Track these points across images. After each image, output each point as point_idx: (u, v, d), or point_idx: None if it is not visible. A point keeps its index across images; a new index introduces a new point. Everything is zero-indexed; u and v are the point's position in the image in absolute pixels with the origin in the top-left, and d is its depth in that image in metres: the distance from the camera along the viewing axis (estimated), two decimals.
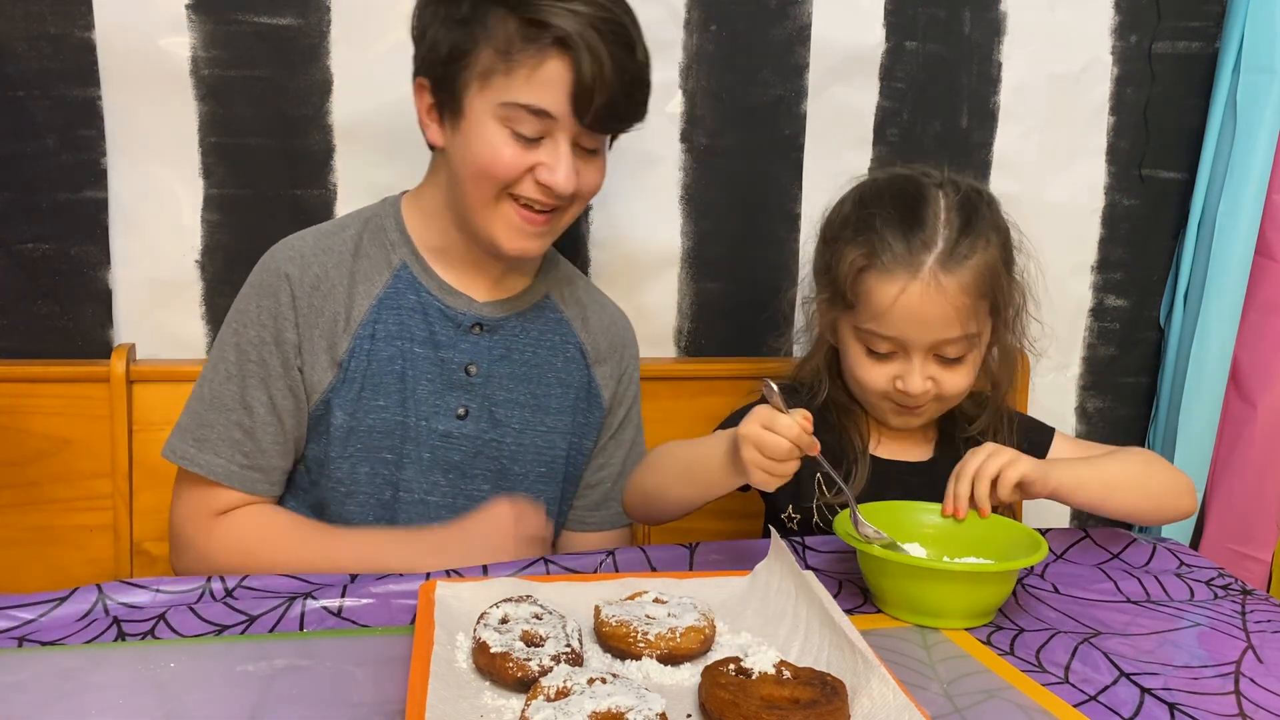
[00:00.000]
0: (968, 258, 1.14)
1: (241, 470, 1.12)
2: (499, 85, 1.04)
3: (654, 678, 0.80)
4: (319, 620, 0.91)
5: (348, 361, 1.12)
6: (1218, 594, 1.06)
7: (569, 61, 1.02)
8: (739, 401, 1.34)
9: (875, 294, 1.15)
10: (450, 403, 1.16)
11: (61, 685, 0.78)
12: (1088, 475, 1.13)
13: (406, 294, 1.15)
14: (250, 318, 1.12)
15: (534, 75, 1.03)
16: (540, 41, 1.02)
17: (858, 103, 1.58)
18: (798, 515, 1.24)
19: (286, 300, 1.12)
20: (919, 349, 1.16)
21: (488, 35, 1.03)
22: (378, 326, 1.13)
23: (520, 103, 1.04)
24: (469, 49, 1.04)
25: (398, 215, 1.18)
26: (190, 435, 1.13)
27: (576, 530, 1.29)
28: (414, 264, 1.16)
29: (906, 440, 1.27)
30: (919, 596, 0.95)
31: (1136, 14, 1.63)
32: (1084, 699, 0.82)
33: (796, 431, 0.96)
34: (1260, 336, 1.64)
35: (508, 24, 1.02)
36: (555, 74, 1.03)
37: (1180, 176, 1.70)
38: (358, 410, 1.13)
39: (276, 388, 1.12)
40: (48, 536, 1.40)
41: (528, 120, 1.04)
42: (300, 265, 1.13)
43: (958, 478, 1.07)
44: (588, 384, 1.23)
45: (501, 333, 1.18)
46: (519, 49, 1.02)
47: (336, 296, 1.13)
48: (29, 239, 1.40)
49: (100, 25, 1.35)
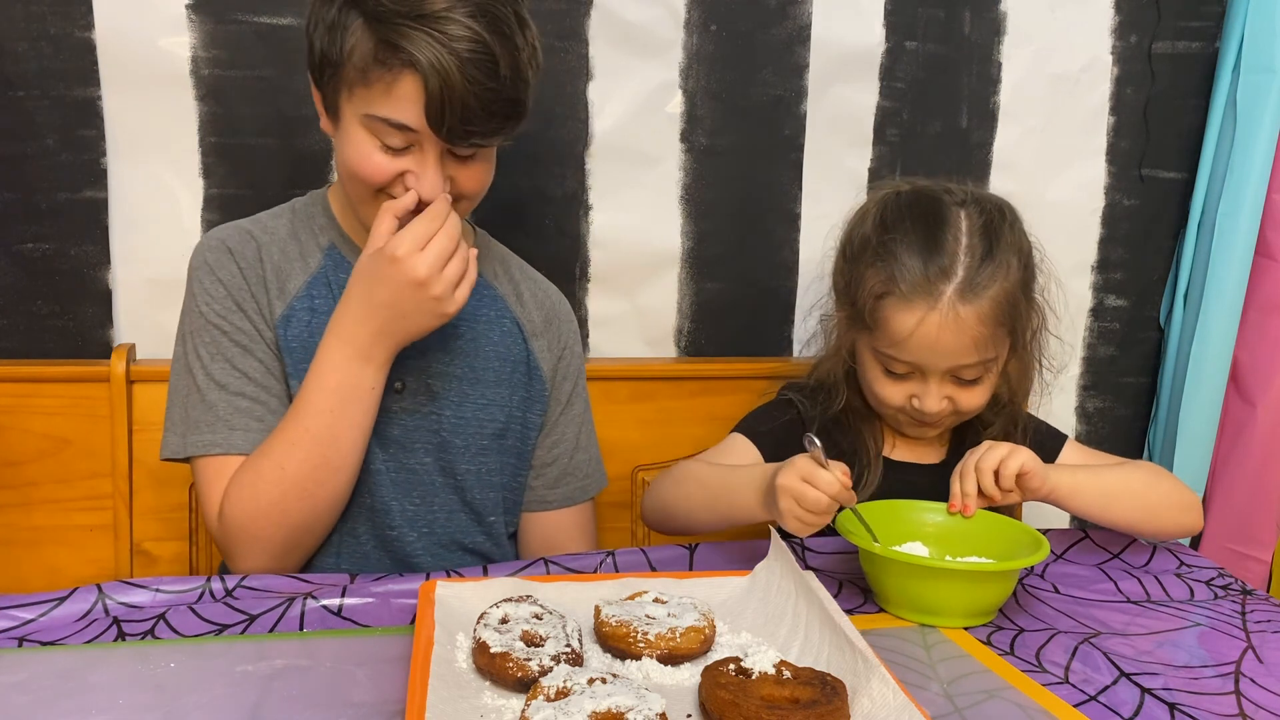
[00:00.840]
0: (987, 288, 1.14)
1: (260, 436, 1.08)
2: (360, 96, 1.03)
3: (654, 678, 0.80)
4: (319, 620, 0.91)
5: (283, 332, 1.12)
6: (1218, 594, 1.06)
7: (421, 81, 1.01)
8: (739, 401, 1.34)
9: (893, 322, 1.15)
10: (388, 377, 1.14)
11: (61, 685, 0.78)
12: (1086, 482, 1.13)
13: (337, 274, 1.15)
14: (211, 294, 1.12)
15: (390, 91, 1.02)
16: (389, 62, 1.01)
17: (858, 103, 1.58)
18: None
19: (235, 269, 1.12)
20: (935, 373, 1.17)
21: (350, 47, 1.02)
22: (316, 301, 1.14)
23: (379, 116, 1.03)
24: (335, 58, 1.03)
25: (325, 203, 1.20)
26: (201, 424, 1.09)
27: (538, 510, 1.27)
28: (342, 244, 1.17)
29: (920, 444, 1.28)
30: (920, 595, 0.95)
31: (1136, 14, 1.63)
32: (1084, 699, 0.82)
33: (837, 489, 0.97)
34: (1260, 336, 1.64)
35: (366, 39, 1.02)
36: (409, 91, 1.01)
37: (1180, 176, 1.70)
38: (294, 383, 1.12)
39: (260, 349, 1.11)
40: (48, 536, 1.40)
41: (391, 133, 1.04)
42: (238, 238, 1.14)
43: (961, 475, 1.08)
44: (526, 358, 1.23)
45: None
46: (374, 66, 1.01)
47: (275, 266, 1.14)
48: (29, 239, 1.40)
49: (100, 25, 1.35)
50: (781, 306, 1.60)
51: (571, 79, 1.49)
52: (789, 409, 1.28)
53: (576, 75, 1.49)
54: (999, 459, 1.06)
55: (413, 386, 1.16)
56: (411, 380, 1.16)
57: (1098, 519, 1.14)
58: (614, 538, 1.50)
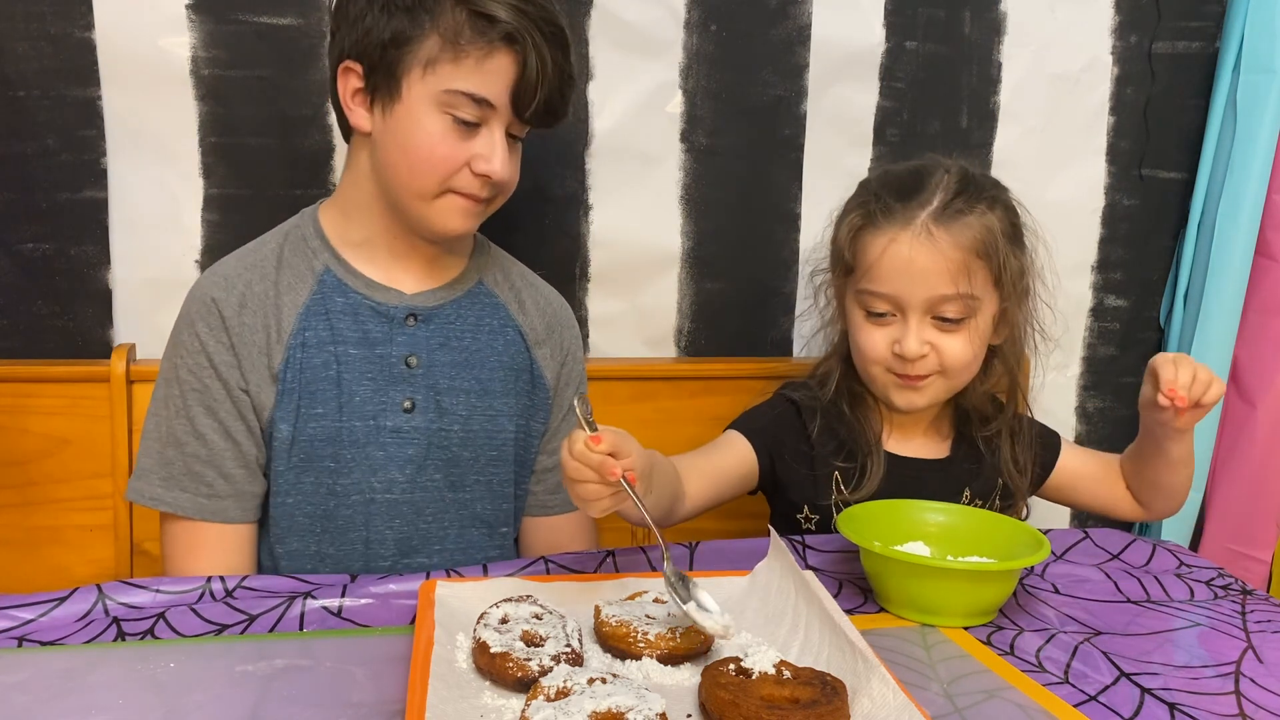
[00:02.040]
0: (962, 214, 1.15)
1: (210, 501, 1.11)
2: (444, 73, 1.05)
3: (654, 678, 0.80)
4: (319, 620, 0.91)
5: (283, 374, 1.12)
6: (1218, 594, 1.06)
7: (514, 56, 1.06)
8: (739, 401, 1.34)
9: (868, 247, 1.17)
10: (395, 397, 1.15)
11: (61, 685, 0.78)
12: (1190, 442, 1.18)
13: (333, 297, 1.14)
14: (185, 348, 1.12)
15: (481, 65, 1.05)
16: (489, 35, 1.04)
17: (858, 103, 1.58)
18: (816, 515, 1.24)
19: (217, 324, 1.11)
20: (915, 307, 1.16)
21: (435, 24, 1.04)
22: (307, 335, 1.13)
23: (465, 90, 1.05)
24: (414, 35, 1.05)
25: (316, 222, 1.18)
26: (155, 475, 1.12)
27: (539, 515, 1.28)
28: (337, 267, 1.15)
29: (923, 437, 1.28)
30: (921, 595, 0.95)
31: (1136, 14, 1.63)
32: (1084, 699, 0.82)
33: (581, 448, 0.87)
34: (1260, 336, 1.64)
35: (456, 14, 1.04)
36: (501, 66, 1.06)
37: (1180, 176, 1.70)
38: (298, 421, 1.12)
39: (225, 411, 1.11)
40: (48, 536, 1.40)
41: (468, 107, 1.06)
42: (225, 287, 1.12)
43: (1177, 364, 1.07)
44: (529, 366, 1.23)
45: (437, 321, 1.18)
46: (467, 39, 1.04)
47: (265, 310, 1.12)
48: (29, 239, 1.40)
49: (100, 25, 1.35)
50: (781, 306, 1.60)
51: None
52: (783, 403, 1.28)
53: (577, 75, 1.48)
54: (1211, 377, 1.07)
55: (422, 404, 1.16)
56: (420, 398, 1.16)
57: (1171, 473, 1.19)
58: (614, 538, 1.49)
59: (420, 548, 1.18)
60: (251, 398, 1.12)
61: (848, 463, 1.23)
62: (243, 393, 1.11)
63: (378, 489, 1.15)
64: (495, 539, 1.22)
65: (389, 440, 1.15)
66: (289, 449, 1.13)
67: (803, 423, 1.25)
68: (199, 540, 1.12)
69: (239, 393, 1.11)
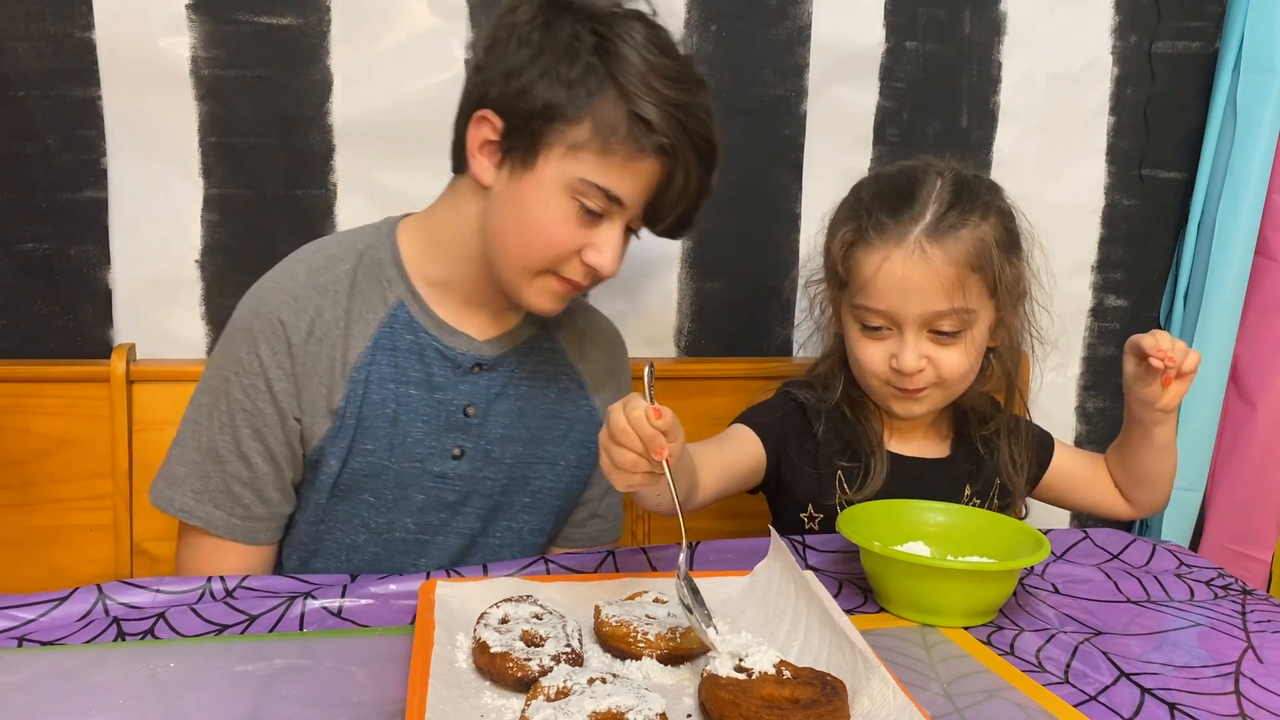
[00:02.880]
0: (955, 228, 1.14)
1: (244, 522, 1.08)
2: (587, 162, 1.01)
3: (654, 678, 0.80)
4: (319, 620, 0.91)
5: (343, 408, 1.07)
6: (1218, 594, 1.06)
7: (661, 167, 1.02)
8: (739, 401, 1.34)
9: (862, 264, 1.16)
10: (446, 444, 1.12)
11: (61, 685, 0.77)
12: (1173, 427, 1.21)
13: (403, 334, 1.10)
14: (243, 365, 1.06)
15: (626, 167, 1.01)
16: (642, 141, 1.00)
17: (858, 103, 1.58)
18: (820, 515, 1.24)
19: (282, 349, 1.06)
20: (911, 323, 1.16)
21: (592, 110, 1.00)
22: (371, 370, 1.08)
23: (602, 186, 1.01)
24: (568, 115, 1.00)
25: (394, 247, 1.12)
26: (188, 486, 1.08)
27: (561, 546, 1.28)
28: (411, 303, 1.11)
29: (924, 438, 1.28)
30: (921, 594, 0.95)
31: (1136, 14, 1.63)
32: (1084, 699, 0.82)
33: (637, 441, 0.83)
34: (1260, 336, 1.64)
35: (617, 109, 0.99)
36: (645, 172, 1.03)
37: (1180, 176, 1.70)
38: (348, 455, 1.09)
39: (273, 437, 1.07)
40: (48, 536, 1.40)
41: (599, 199, 1.02)
42: (295, 309, 1.07)
43: (1156, 334, 1.11)
44: (589, 414, 1.21)
45: (500, 370, 1.15)
46: (620, 139, 1.00)
47: (333, 340, 1.08)
48: (29, 239, 1.40)
49: (100, 25, 1.35)
50: (781, 306, 1.60)
51: None
52: (789, 401, 1.28)
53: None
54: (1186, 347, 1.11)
55: (471, 452, 1.14)
56: (470, 446, 1.14)
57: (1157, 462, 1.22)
58: None
59: None
60: (303, 427, 1.08)
61: (851, 463, 1.23)
62: (295, 421, 1.07)
63: (411, 529, 1.14)
64: None
65: (431, 485, 1.13)
66: (333, 482, 1.10)
67: (808, 422, 1.25)
68: (222, 557, 1.09)
69: (292, 421, 1.07)
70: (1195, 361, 1.12)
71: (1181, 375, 1.12)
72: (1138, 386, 1.16)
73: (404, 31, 1.43)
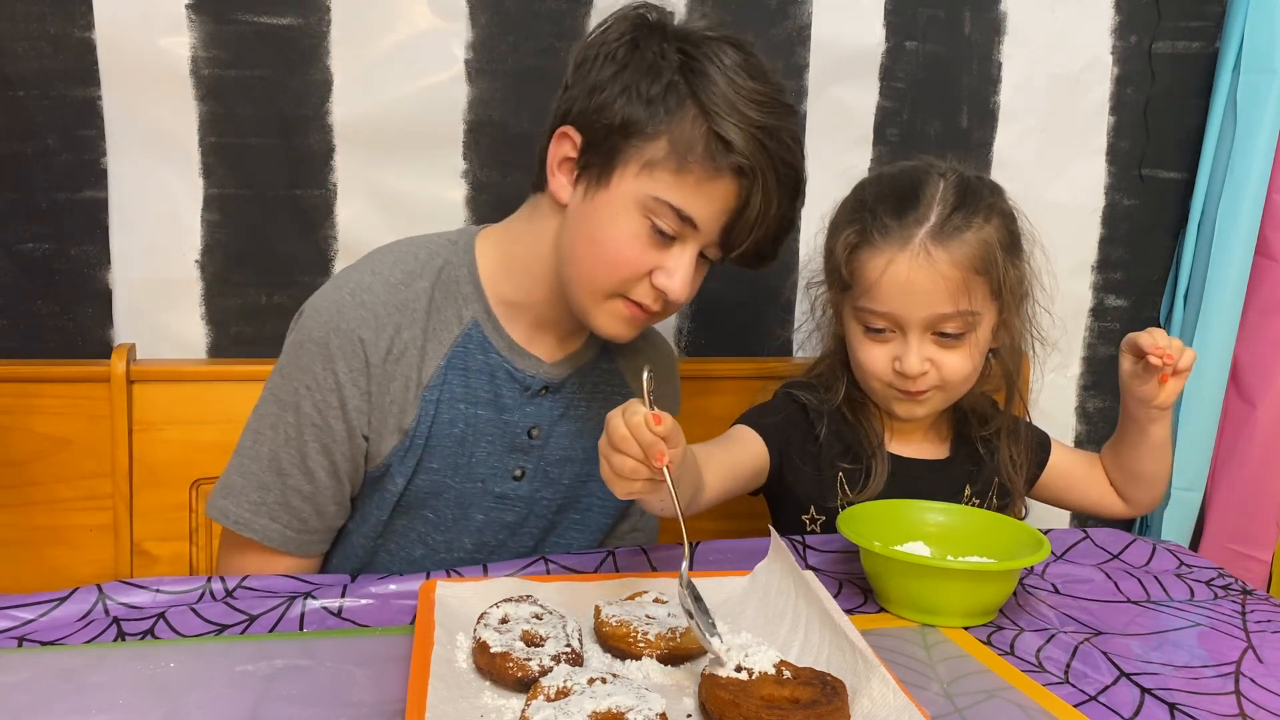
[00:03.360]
0: (960, 231, 1.14)
1: (298, 535, 1.07)
2: (662, 180, 0.99)
3: (654, 678, 0.80)
4: (319, 620, 0.91)
5: (414, 428, 1.07)
6: (1218, 594, 1.06)
7: (739, 189, 1.00)
8: (739, 401, 1.34)
9: (866, 267, 1.16)
10: (509, 465, 1.12)
11: (61, 685, 0.77)
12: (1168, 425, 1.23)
13: (475, 354, 1.09)
14: (317, 380, 1.04)
15: (701, 187, 0.99)
16: (720, 161, 0.98)
17: (858, 103, 1.58)
18: (821, 517, 1.24)
19: (359, 367, 1.04)
20: (914, 326, 1.16)
21: (670, 127, 0.98)
22: (444, 390, 1.07)
23: (674, 205, 0.99)
24: (646, 131, 0.98)
25: (472, 264, 1.10)
26: (245, 499, 1.06)
27: None
28: (485, 322, 1.09)
29: (924, 439, 1.28)
30: (921, 594, 0.95)
31: (1136, 14, 1.63)
32: (1084, 699, 0.82)
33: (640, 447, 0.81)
34: (1260, 336, 1.64)
35: (696, 126, 0.98)
36: (721, 193, 1.00)
37: (1180, 176, 1.70)
38: (414, 473, 1.09)
39: (340, 454, 1.05)
40: (48, 536, 1.40)
41: (671, 220, 1.00)
42: (375, 329, 1.04)
43: (1152, 332, 1.14)
44: None
45: (564, 392, 1.14)
46: (697, 158, 0.98)
47: (409, 360, 1.06)
48: (29, 239, 1.40)
49: (100, 25, 1.35)
50: (782, 307, 1.60)
51: None
52: (791, 403, 1.28)
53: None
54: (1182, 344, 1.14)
55: (531, 472, 1.14)
56: (531, 467, 1.14)
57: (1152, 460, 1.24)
58: None
59: None
60: (370, 445, 1.07)
61: (853, 464, 1.23)
62: (364, 439, 1.06)
63: (469, 549, 1.14)
64: None
65: (492, 505, 1.13)
66: (396, 500, 1.09)
67: (810, 424, 1.25)
68: (271, 567, 1.08)
69: (360, 439, 1.06)
70: (1191, 359, 1.13)
71: (1178, 372, 1.13)
72: (1135, 384, 1.17)
73: (404, 31, 1.43)
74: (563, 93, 1.06)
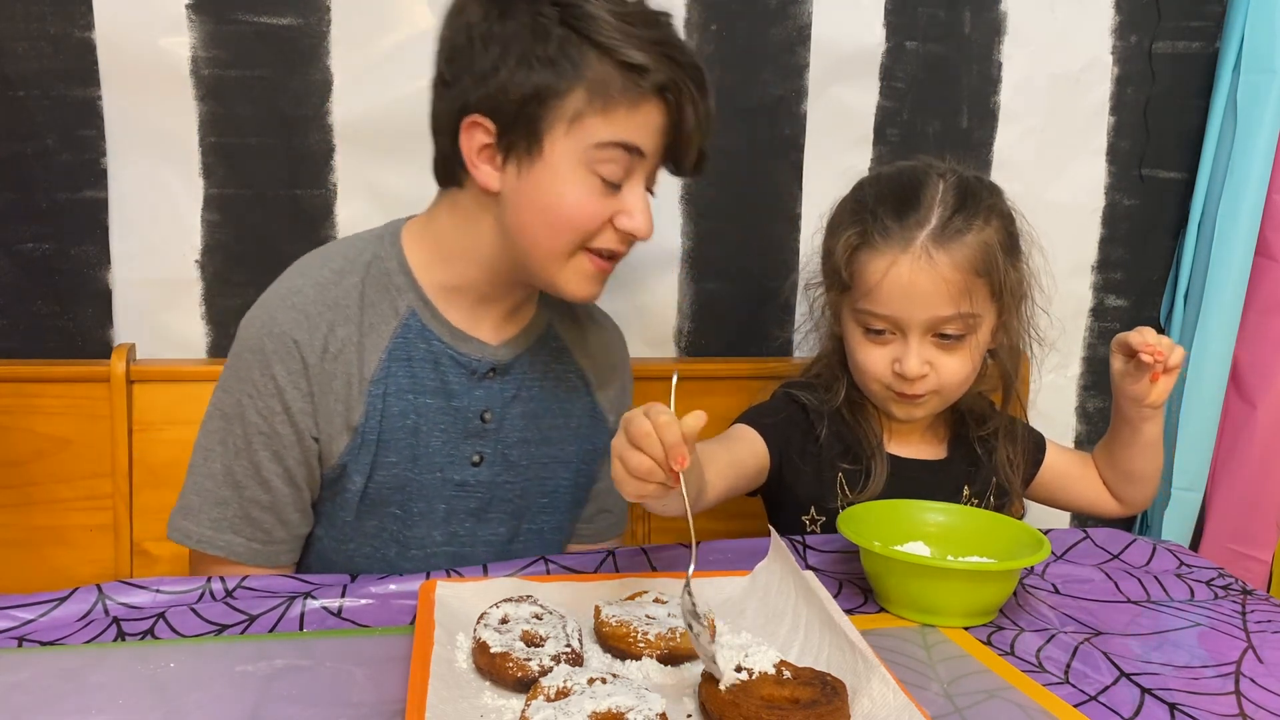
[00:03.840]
0: (961, 233, 1.14)
1: (265, 547, 1.07)
2: (594, 126, 1.00)
3: (654, 678, 0.80)
4: (319, 620, 0.91)
5: (363, 424, 1.07)
6: (1218, 594, 1.06)
7: (665, 107, 1.02)
8: (739, 401, 1.34)
9: (867, 269, 1.16)
10: (465, 451, 1.12)
11: (61, 685, 0.77)
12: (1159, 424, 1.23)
13: (416, 343, 1.09)
14: (257, 388, 1.04)
15: (631, 115, 1.01)
16: (640, 87, 0.99)
17: (858, 103, 1.58)
18: (821, 517, 1.24)
19: (298, 369, 1.04)
20: (915, 328, 1.16)
21: (581, 77, 0.99)
22: (389, 383, 1.07)
23: (617, 140, 1.01)
24: (559, 89, 0.99)
25: (400, 256, 1.10)
26: (205, 516, 1.06)
27: (573, 543, 1.28)
28: (422, 310, 1.09)
29: (921, 440, 1.28)
30: (921, 595, 0.95)
31: (1136, 14, 1.63)
32: (1084, 699, 0.82)
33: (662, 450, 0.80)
34: (1260, 336, 1.64)
35: (605, 65, 0.99)
36: (653, 115, 1.02)
37: (1180, 176, 1.70)
38: (372, 470, 1.09)
39: (292, 458, 1.06)
40: (48, 536, 1.40)
41: (618, 160, 1.02)
42: (308, 329, 1.05)
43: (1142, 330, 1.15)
44: (591, 410, 1.21)
45: (513, 374, 1.14)
46: (618, 89, 0.99)
47: (348, 357, 1.06)
48: (29, 239, 1.40)
49: (100, 25, 1.35)
50: (781, 306, 1.60)
51: None
52: (791, 403, 1.28)
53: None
54: (1172, 342, 1.14)
55: (490, 457, 1.14)
56: (489, 452, 1.14)
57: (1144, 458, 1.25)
58: None
59: None
60: (321, 445, 1.07)
61: (852, 465, 1.23)
62: (314, 440, 1.06)
63: (439, 542, 1.14)
64: None
65: (454, 494, 1.13)
66: (358, 499, 1.09)
67: (811, 424, 1.25)
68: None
69: (310, 441, 1.06)
70: (1180, 356, 1.15)
71: (1168, 370, 1.15)
72: (1126, 383, 1.18)
73: (404, 31, 1.43)
74: (444, 90, 1.05)
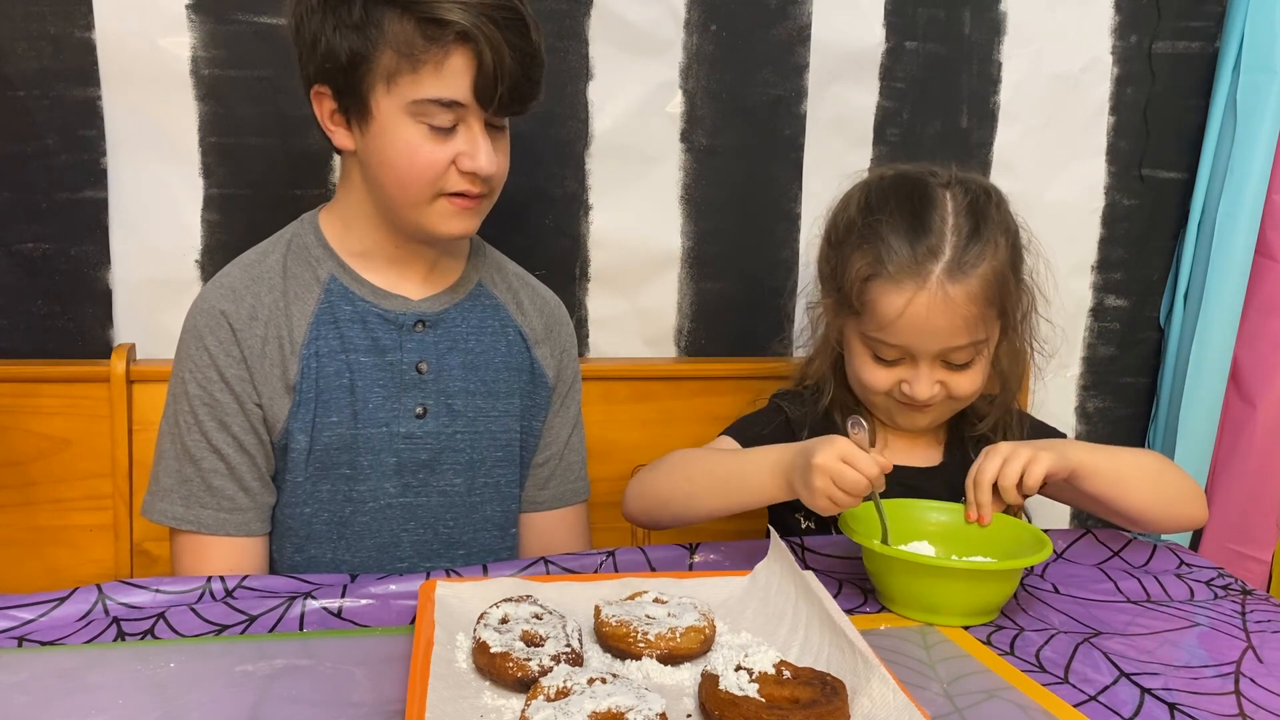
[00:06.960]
0: (975, 266, 1.13)
1: (232, 515, 1.11)
2: (406, 84, 1.04)
3: (654, 678, 0.80)
4: (319, 620, 0.91)
5: (300, 384, 1.11)
6: (1218, 594, 1.06)
7: (470, 53, 1.04)
8: (739, 401, 1.34)
9: (881, 304, 1.14)
10: (407, 404, 1.15)
11: (61, 685, 0.78)
12: (1104, 463, 1.07)
13: (341, 305, 1.14)
14: (194, 362, 1.11)
15: (440, 70, 1.04)
16: (441, 38, 1.03)
17: (858, 103, 1.58)
18: (812, 521, 1.24)
19: (228, 336, 1.10)
20: (926, 357, 1.15)
21: (385, 37, 1.03)
22: (319, 344, 1.12)
23: (430, 98, 1.04)
24: (369, 53, 1.04)
25: (317, 230, 1.17)
26: (175, 494, 1.11)
27: (529, 511, 1.28)
28: (342, 274, 1.15)
29: (915, 444, 1.27)
30: (923, 594, 0.96)
31: (1136, 14, 1.63)
32: (1084, 699, 0.82)
33: (875, 472, 0.97)
34: (1260, 336, 1.64)
35: (405, 24, 1.02)
36: (460, 66, 1.04)
37: (1180, 176, 1.70)
38: (314, 431, 1.12)
39: (238, 425, 1.10)
40: (48, 536, 1.40)
41: (440, 113, 1.06)
42: (234, 299, 1.12)
43: (977, 485, 1.04)
44: (530, 365, 1.24)
45: (444, 326, 1.18)
46: (421, 47, 1.03)
47: (277, 322, 1.12)
48: (29, 239, 1.40)
49: (100, 25, 1.35)
50: (781, 306, 1.60)
51: (571, 79, 1.48)
52: (778, 415, 1.27)
53: (576, 75, 1.49)
54: (1021, 468, 1.01)
55: (434, 409, 1.16)
56: (432, 403, 1.16)
57: (1109, 502, 1.08)
58: (614, 537, 1.49)
59: (442, 552, 1.19)
60: (264, 410, 1.11)
61: None
62: (255, 406, 1.11)
63: (393, 494, 1.16)
64: (506, 540, 1.23)
65: (402, 446, 1.15)
66: (306, 459, 1.13)
67: (793, 435, 1.24)
68: (217, 553, 1.11)
69: (252, 406, 1.11)
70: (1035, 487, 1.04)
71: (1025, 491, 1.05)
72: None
73: None
74: (299, 66, 1.12)
